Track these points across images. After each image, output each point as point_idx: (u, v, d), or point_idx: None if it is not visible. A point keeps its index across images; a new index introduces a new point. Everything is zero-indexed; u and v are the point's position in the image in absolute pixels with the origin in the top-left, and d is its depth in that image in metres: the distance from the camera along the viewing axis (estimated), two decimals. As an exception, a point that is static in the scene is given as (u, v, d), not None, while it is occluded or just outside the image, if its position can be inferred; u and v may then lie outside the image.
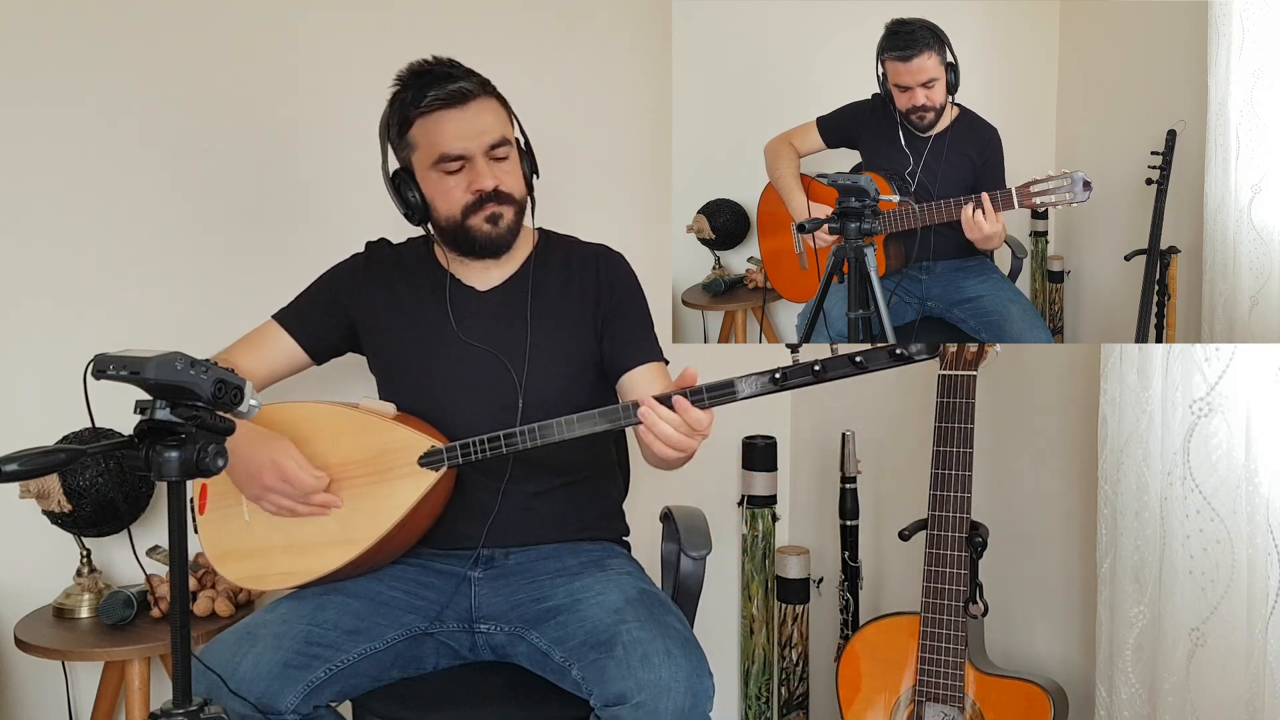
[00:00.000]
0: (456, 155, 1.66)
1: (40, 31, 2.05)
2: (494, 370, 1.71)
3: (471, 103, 1.66)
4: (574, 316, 1.76)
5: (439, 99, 1.64)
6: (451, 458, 1.59)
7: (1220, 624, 1.53)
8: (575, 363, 1.75)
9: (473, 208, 1.69)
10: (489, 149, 1.67)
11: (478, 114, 1.66)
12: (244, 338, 1.81)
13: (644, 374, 1.74)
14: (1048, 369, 1.97)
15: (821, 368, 1.42)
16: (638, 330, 1.79)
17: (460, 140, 1.66)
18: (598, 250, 1.84)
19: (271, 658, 1.51)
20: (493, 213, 1.69)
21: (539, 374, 1.71)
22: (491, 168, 1.68)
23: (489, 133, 1.67)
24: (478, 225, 1.70)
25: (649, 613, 1.54)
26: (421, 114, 1.66)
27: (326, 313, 1.81)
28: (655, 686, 1.42)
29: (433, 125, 1.66)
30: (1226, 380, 1.52)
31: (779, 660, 2.52)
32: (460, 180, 1.68)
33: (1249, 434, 1.49)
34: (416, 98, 1.66)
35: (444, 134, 1.66)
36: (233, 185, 2.17)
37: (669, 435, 1.44)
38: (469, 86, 1.65)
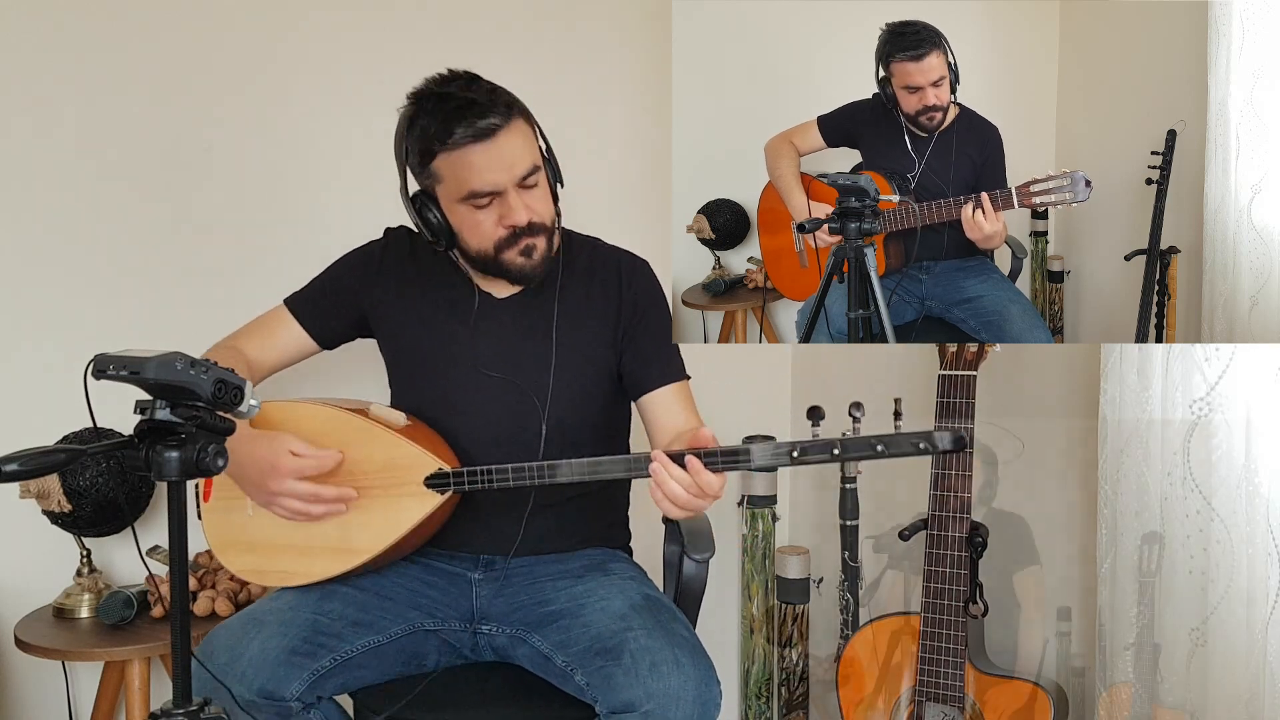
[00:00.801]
0: (488, 192, 1.57)
1: (40, 32, 2.05)
2: (512, 388, 1.67)
3: (501, 134, 1.54)
4: (594, 328, 1.71)
5: (467, 137, 1.53)
6: (458, 484, 1.56)
7: (1220, 624, 1.53)
8: (591, 375, 1.71)
9: (506, 242, 1.61)
10: (520, 180, 1.58)
11: (509, 143, 1.55)
12: (253, 323, 1.77)
13: (665, 396, 1.70)
14: (1048, 369, 1.97)
15: (841, 449, 1.38)
16: (659, 347, 1.73)
17: (490, 175, 1.56)
18: (620, 258, 1.77)
19: (278, 644, 1.51)
20: (527, 245, 1.61)
21: (555, 386, 1.67)
22: (523, 198, 1.59)
23: (519, 163, 1.57)
24: (511, 259, 1.62)
25: (655, 620, 1.53)
26: (446, 149, 1.55)
27: (337, 302, 1.76)
28: (665, 696, 1.42)
29: (459, 160, 1.55)
30: (1226, 380, 1.52)
31: (779, 660, 2.52)
32: (491, 214, 1.59)
33: (1249, 434, 1.49)
34: (441, 133, 1.54)
35: (473, 169, 1.55)
36: (232, 185, 2.17)
37: (677, 495, 1.40)
38: (497, 121, 1.54)
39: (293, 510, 1.55)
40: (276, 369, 1.78)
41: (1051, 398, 1.96)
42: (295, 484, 1.53)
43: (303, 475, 1.53)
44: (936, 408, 1.81)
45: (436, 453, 1.59)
